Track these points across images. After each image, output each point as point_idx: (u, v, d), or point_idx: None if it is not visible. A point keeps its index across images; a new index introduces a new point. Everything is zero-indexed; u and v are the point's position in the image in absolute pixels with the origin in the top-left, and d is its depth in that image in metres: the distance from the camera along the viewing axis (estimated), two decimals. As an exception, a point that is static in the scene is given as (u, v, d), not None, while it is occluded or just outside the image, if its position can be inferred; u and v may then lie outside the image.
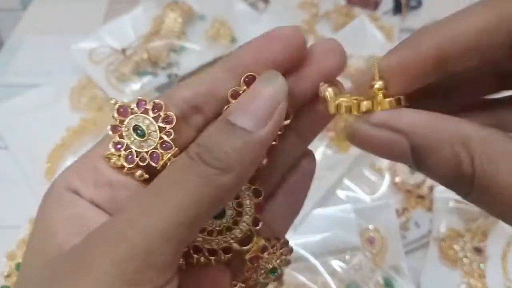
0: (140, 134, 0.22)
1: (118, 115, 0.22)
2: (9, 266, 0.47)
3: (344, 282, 0.45)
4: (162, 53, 0.65)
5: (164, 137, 0.21)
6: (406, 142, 0.18)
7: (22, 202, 0.52)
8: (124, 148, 0.21)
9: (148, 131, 0.21)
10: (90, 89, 0.63)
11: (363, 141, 0.20)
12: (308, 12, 0.74)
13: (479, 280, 0.46)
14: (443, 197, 0.50)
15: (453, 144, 0.17)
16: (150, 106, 0.22)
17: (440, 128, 0.18)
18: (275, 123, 0.19)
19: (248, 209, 0.23)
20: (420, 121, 0.18)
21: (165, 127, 0.21)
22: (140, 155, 0.21)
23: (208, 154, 0.18)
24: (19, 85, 0.64)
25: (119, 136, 0.22)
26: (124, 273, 0.17)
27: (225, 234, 0.23)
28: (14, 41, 0.72)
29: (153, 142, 0.21)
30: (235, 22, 0.70)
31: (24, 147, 0.57)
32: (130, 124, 0.22)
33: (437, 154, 0.17)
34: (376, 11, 0.75)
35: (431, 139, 0.18)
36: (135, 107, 0.22)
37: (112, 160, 0.21)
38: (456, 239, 0.48)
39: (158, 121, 0.21)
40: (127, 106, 0.22)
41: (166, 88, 0.64)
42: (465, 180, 0.17)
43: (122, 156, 0.21)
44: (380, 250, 0.47)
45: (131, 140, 0.21)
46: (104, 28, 0.68)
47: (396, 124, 0.18)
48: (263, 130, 0.19)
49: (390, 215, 0.49)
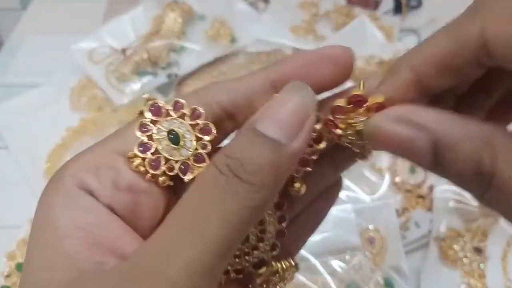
0: (173, 140, 0.19)
1: (151, 114, 0.20)
2: (9, 266, 0.47)
3: (344, 282, 0.45)
4: (162, 53, 0.65)
5: (200, 149, 0.20)
6: (427, 136, 0.17)
7: (22, 202, 0.52)
8: (152, 152, 0.19)
9: (183, 139, 0.19)
10: (90, 89, 0.63)
11: (383, 137, 0.19)
12: (308, 12, 0.74)
13: (479, 280, 0.46)
14: (443, 197, 0.50)
15: (475, 140, 0.17)
16: (187, 112, 0.20)
17: (462, 124, 0.17)
18: (306, 135, 0.18)
19: (270, 235, 0.23)
20: (442, 116, 0.18)
21: (201, 138, 0.20)
22: (169, 163, 0.19)
23: (242, 169, 0.17)
24: (19, 85, 0.64)
25: (148, 138, 0.19)
26: None
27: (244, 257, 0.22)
28: (14, 41, 0.72)
29: (187, 152, 0.19)
30: (235, 22, 0.70)
31: (24, 147, 0.57)
32: (165, 127, 0.20)
33: (458, 149, 0.17)
34: (376, 11, 0.75)
35: (453, 133, 0.17)
36: (170, 109, 0.20)
37: (134, 162, 0.19)
38: (456, 239, 0.48)
39: (195, 129, 0.20)
40: (161, 106, 0.20)
41: (166, 88, 0.64)
42: (484, 178, 0.17)
43: (147, 161, 0.19)
44: (380, 250, 0.47)
45: (161, 145, 0.19)
46: (104, 28, 0.68)
47: (417, 118, 0.18)
48: (296, 142, 0.17)
49: (390, 215, 0.49)
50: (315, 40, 0.70)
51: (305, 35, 0.70)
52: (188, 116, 0.20)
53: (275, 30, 0.70)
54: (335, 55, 0.20)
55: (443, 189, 0.51)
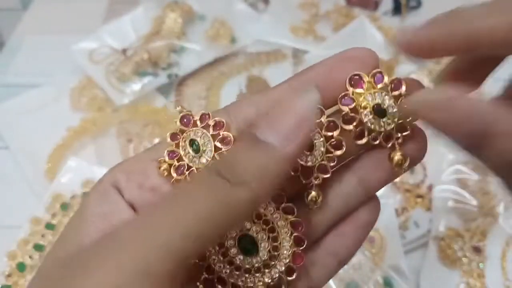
0: (195, 149, 0.21)
1: (181, 124, 0.22)
2: (9, 266, 0.47)
3: (343, 282, 0.45)
4: (162, 53, 0.65)
5: (217, 157, 0.21)
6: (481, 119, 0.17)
7: (22, 202, 0.53)
8: (177, 158, 0.21)
9: (204, 148, 0.21)
10: (91, 89, 0.63)
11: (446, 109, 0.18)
12: (308, 12, 0.74)
13: (478, 280, 0.46)
14: (442, 196, 0.51)
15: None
16: (212, 122, 0.21)
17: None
18: (303, 140, 0.18)
19: (284, 256, 0.22)
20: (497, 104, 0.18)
21: (220, 148, 0.21)
22: (190, 169, 0.21)
23: (225, 167, 0.17)
24: (19, 85, 0.64)
25: (176, 146, 0.22)
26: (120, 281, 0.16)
27: (254, 274, 0.22)
28: (15, 41, 0.72)
29: (205, 160, 0.21)
30: (235, 22, 0.70)
31: (24, 147, 0.57)
32: (188, 137, 0.22)
33: None
34: (375, 12, 0.75)
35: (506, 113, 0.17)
36: (198, 119, 0.22)
37: (162, 167, 0.21)
38: (455, 238, 0.48)
39: (216, 139, 0.21)
40: (191, 117, 0.22)
41: (166, 88, 0.64)
42: None
43: (173, 166, 0.21)
44: (380, 250, 0.47)
45: (185, 152, 0.21)
46: (104, 28, 0.68)
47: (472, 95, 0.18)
48: (289, 147, 0.17)
49: (389, 214, 0.49)
50: (315, 40, 0.70)
51: (305, 36, 0.71)
52: (211, 126, 0.21)
53: (275, 31, 0.70)
54: (360, 56, 0.21)
55: (442, 189, 0.51)
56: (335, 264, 0.23)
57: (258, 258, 0.21)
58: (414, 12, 0.75)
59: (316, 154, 0.21)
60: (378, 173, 0.22)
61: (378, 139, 0.21)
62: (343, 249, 0.23)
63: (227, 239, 0.21)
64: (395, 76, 0.21)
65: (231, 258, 0.21)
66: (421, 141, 0.22)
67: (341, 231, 0.23)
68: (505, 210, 0.49)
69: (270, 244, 0.21)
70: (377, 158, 0.22)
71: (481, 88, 0.23)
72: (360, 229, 0.23)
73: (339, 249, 0.23)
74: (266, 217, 0.21)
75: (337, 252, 0.23)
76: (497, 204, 0.50)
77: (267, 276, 0.21)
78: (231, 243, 0.21)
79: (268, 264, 0.22)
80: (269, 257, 0.21)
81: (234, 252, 0.21)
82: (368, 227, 0.23)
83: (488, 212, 0.49)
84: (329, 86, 0.20)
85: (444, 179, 0.52)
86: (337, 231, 0.23)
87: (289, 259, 0.22)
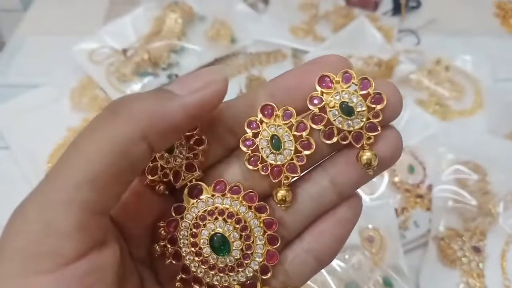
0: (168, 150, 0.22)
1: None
2: (10, 266, 0.47)
3: (343, 281, 0.45)
4: (162, 53, 0.65)
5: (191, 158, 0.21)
6: None
7: (23, 202, 0.53)
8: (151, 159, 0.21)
9: (178, 149, 0.21)
10: (91, 89, 0.63)
11: None
12: (308, 13, 0.75)
13: (478, 280, 0.46)
14: (442, 196, 0.51)
15: None
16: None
17: None
18: (203, 95, 0.19)
19: (258, 255, 0.22)
20: None
21: (194, 148, 0.21)
22: (164, 170, 0.21)
23: (120, 105, 0.18)
24: (20, 85, 0.64)
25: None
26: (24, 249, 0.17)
27: (228, 273, 0.22)
28: (15, 41, 0.72)
29: (179, 161, 0.21)
30: (235, 22, 0.70)
31: (25, 147, 0.57)
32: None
33: None
34: (375, 12, 0.75)
35: None
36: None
37: None
38: (455, 238, 0.48)
39: (189, 141, 0.21)
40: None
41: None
42: None
43: (147, 168, 0.21)
44: (379, 250, 0.47)
45: (159, 154, 0.21)
46: (104, 29, 0.69)
47: None
48: (189, 97, 0.19)
49: (389, 214, 0.49)
50: (315, 41, 0.70)
51: (305, 36, 0.71)
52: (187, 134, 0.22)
53: (275, 31, 0.70)
54: (330, 61, 0.21)
55: (442, 189, 0.51)
56: (313, 262, 0.23)
57: (231, 257, 0.21)
58: (413, 12, 0.75)
59: (285, 154, 0.21)
60: (349, 173, 0.22)
61: (348, 139, 0.21)
62: (322, 247, 0.22)
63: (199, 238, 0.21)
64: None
65: (204, 258, 0.22)
66: (393, 141, 0.21)
67: (319, 229, 0.22)
68: (505, 210, 0.49)
69: (243, 243, 0.22)
70: (348, 158, 0.21)
71: None
72: (339, 226, 0.22)
73: (317, 247, 0.22)
74: (238, 216, 0.21)
75: (315, 250, 0.22)
76: (497, 204, 0.50)
77: (241, 275, 0.22)
78: (204, 243, 0.21)
79: (242, 263, 0.22)
80: (243, 256, 0.22)
81: (207, 252, 0.22)
82: (347, 224, 0.22)
83: (488, 212, 0.49)
84: (300, 89, 0.21)
85: (444, 179, 0.52)
86: (315, 229, 0.22)
87: (263, 258, 0.22)
